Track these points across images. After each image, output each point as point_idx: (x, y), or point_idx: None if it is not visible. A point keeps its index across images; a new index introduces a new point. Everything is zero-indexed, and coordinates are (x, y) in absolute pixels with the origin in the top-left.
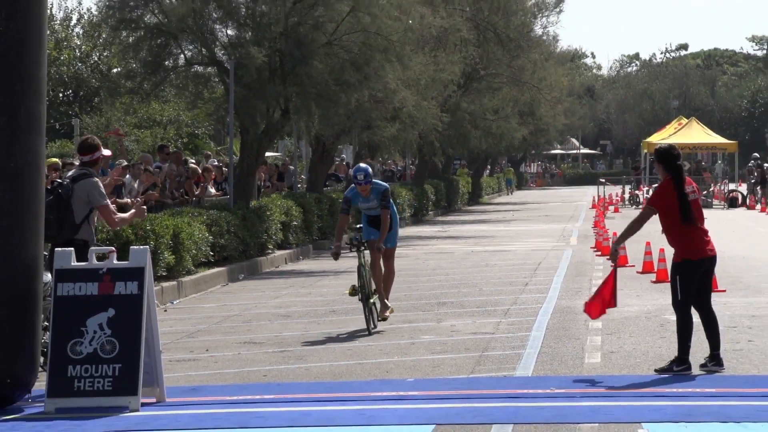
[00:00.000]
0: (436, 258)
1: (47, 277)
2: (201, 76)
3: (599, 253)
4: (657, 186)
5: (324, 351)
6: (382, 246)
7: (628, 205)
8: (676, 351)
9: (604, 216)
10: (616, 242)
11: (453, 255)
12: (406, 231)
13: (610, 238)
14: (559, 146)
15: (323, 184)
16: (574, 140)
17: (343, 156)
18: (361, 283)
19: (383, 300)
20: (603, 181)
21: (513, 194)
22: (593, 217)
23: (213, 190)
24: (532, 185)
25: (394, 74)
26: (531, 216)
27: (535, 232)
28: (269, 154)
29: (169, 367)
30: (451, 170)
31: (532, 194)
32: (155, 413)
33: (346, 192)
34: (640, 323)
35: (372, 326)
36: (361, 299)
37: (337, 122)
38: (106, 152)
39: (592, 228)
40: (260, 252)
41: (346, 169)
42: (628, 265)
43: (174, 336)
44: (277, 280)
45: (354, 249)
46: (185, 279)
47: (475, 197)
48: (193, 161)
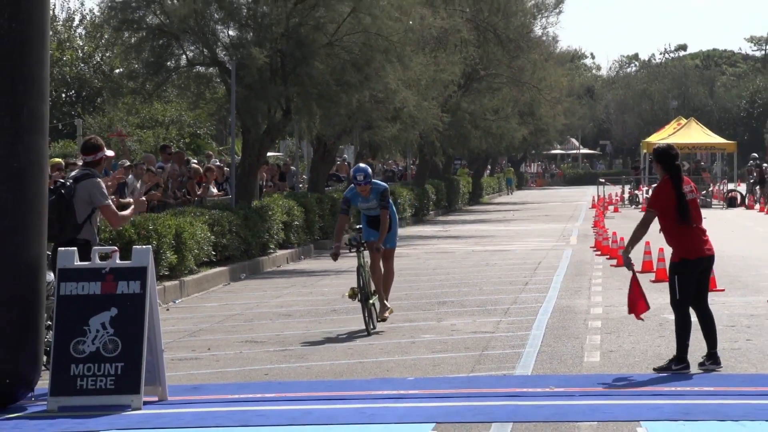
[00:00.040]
0: (436, 257)
1: (50, 276)
2: (203, 76)
3: (599, 253)
4: (655, 187)
5: (325, 350)
6: (381, 246)
7: (627, 204)
8: (675, 350)
9: (603, 216)
10: (625, 250)
11: (453, 254)
12: (407, 230)
13: (610, 237)
14: (558, 146)
15: (325, 184)
16: (573, 140)
17: (345, 156)
18: (361, 283)
19: (383, 301)
20: (602, 181)
21: (513, 194)
22: (593, 217)
23: (215, 190)
24: (532, 185)
25: (395, 75)
26: (531, 216)
27: (535, 231)
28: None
29: (171, 366)
30: (451, 170)
31: (532, 194)
32: (157, 411)
33: (345, 192)
34: (639, 322)
35: (371, 327)
36: (360, 300)
37: (338, 122)
38: (110, 153)
39: (591, 228)
40: (262, 251)
41: (348, 169)
42: None
43: (176, 335)
44: (279, 280)
45: (353, 249)
46: (187, 278)
47: (476, 197)
48: (195, 161)
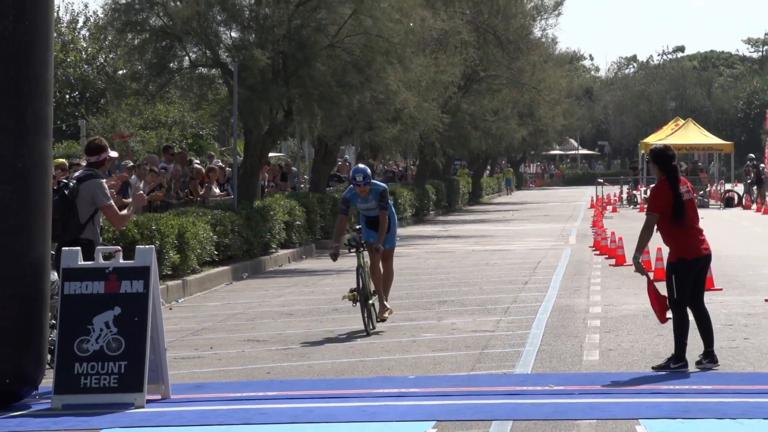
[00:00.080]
0: (437, 257)
1: (54, 275)
2: (205, 77)
3: (597, 252)
4: (652, 188)
5: (326, 348)
6: (380, 247)
7: (626, 204)
8: (673, 349)
9: (602, 216)
10: (635, 257)
11: (454, 254)
12: (407, 230)
13: (608, 237)
14: (557, 147)
15: (326, 184)
16: (572, 141)
17: (346, 156)
18: (360, 284)
19: (382, 301)
20: (601, 181)
21: (512, 194)
22: (591, 217)
23: (217, 191)
24: (531, 185)
25: (396, 76)
26: (530, 216)
27: (535, 231)
28: (272, 154)
29: (174, 365)
30: (451, 170)
31: (532, 194)
32: (160, 410)
33: (344, 193)
34: (637, 321)
35: (371, 327)
36: (359, 300)
37: (339, 123)
38: (113, 153)
39: (590, 227)
40: (264, 251)
41: (349, 170)
42: (626, 264)
43: (179, 334)
44: (281, 279)
45: (353, 250)
46: (190, 278)
47: (476, 197)
48: (197, 162)
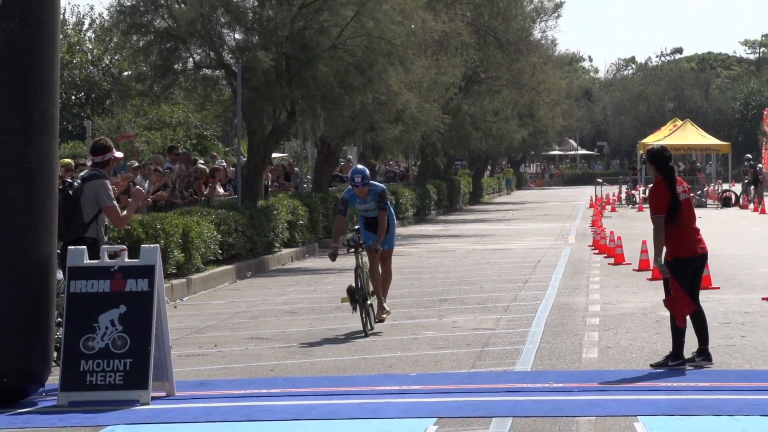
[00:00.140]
0: (438, 256)
1: (59, 274)
2: (209, 79)
3: (597, 251)
4: (650, 190)
5: (329, 346)
6: (379, 248)
7: (624, 204)
8: (671, 346)
9: (601, 215)
10: (656, 260)
11: (454, 253)
12: (409, 230)
13: (607, 236)
14: (557, 147)
15: (328, 184)
16: (572, 141)
17: (349, 157)
18: (359, 284)
19: (381, 302)
20: (600, 181)
21: (512, 194)
22: (591, 217)
23: (221, 190)
24: (531, 185)
25: (397, 77)
26: (530, 215)
27: (534, 231)
28: (276, 155)
29: (178, 362)
30: (452, 171)
31: (532, 194)
32: (165, 406)
33: (343, 193)
34: (636, 319)
35: (369, 328)
36: (357, 302)
37: (341, 124)
38: (118, 154)
39: (589, 227)
40: (267, 250)
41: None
42: (624, 263)
43: (183, 332)
44: (284, 278)
45: (351, 250)
46: (194, 276)
47: (476, 197)
48: (201, 162)
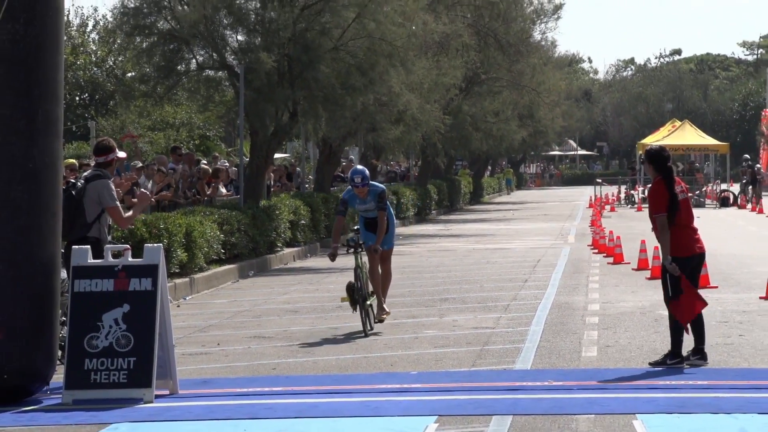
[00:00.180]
0: (438, 255)
1: (63, 273)
2: (212, 80)
3: (596, 251)
4: (650, 190)
5: (331, 345)
6: (379, 248)
7: (623, 204)
8: (670, 345)
9: (600, 215)
10: (665, 259)
11: (455, 252)
12: (409, 229)
13: (606, 236)
14: (557, 148)
15: (330, 184)
16: (571, 142)
17: (351, 157)
18: (358, 284)
19: (381, 302)
20: (600, 181)
21: (512, 194)
22: (590, 216)
23: (224, 190)
24: (531, 185)
25: (398, 78)
26: (530, 215)
27: (534, 230)
28: (278, 155)
29: (181, 361)
30: (453, 171)
31: (531, 194)
32: (168, 405)
33: (342, 194)
34: (635, 318)
35: (369, 328)
36: (357, 300)
37: (343, 125)
38: (121, 154)
39: (589, 227)
40: (269, 250)
41: None
42: (623, 262)
43: (186, 331)
44: (286, 277)
45: (351, 250)
46: (197, 276)
47: (477, 197)
48: (204, 162)
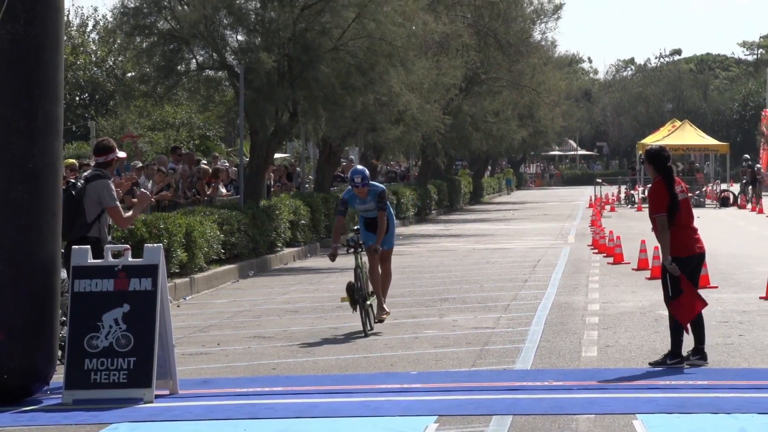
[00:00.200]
0: (438, 255)
1: (63, 273)
2: (212, 80)
3: (596, 251)
4: (650, 190)
5: (331, 345)
6: (379, 248)
7: (623, 204)
8: (670, 345)
9: (600, 215)
10: (665, 259)
11: (455, 252)
12: (410, 229)
13: (606, 236)
14: (557, 148)
15: (330, 184)
16: (571, 142)
17: (351, 157)
18: (358, 284)
19: (381, 303)
20: (599, 181)
21: (512, 194)
22: (590, 216)
23: (224, 190)
24: (531, 185)
25: (398, 78)
26: (530, 215)
27: (534, 230)
28: (278, 155)
29: (181, 361)
30: (453, 171)
31: (531, 194)
32: (168, 404)
33: (342, 194)
34: (635, 318)
35: (368, 328)
36: (357, 300)
37: (343, 125)
38: (121, 154)
39: (589, 226)
40: (269, 250)
41: None
42: (623, 262)
43: (186, 330)
44: (286, 277)
45: (351, 250)
46: (197, 276)
47: (477, 197)
48: (204, 162)
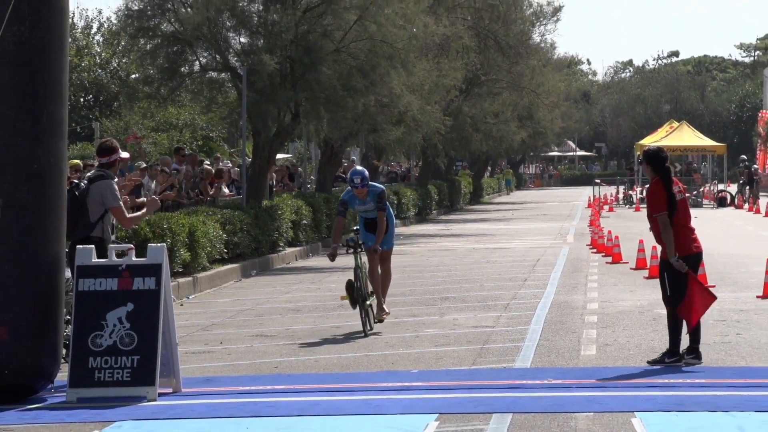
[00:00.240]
0: (439, 255)
1: (68, 273)
2: (215, 81)
3: (594, 251)
4: (648, 190)
5: (332, 343)
6: (378, 248)
7: (622, 204)
8: (668, 344)
9: (599, 215)
10: (670, 257)
11: (455, 252)
12: (410, 229)
13: (605, 236)
14: (556, 148)
15: (332, 185)
16: (570, 143)
17: (353, 158)
18: (358, 284)
19: (380, 303)
20: (598, 181)
21: (512, 194)
22: (589, 216)
23: (227, 191)
24: (530, 186)
25: (399, 80)
26: (529, 215)
27: (534, 230)
28: (280, 156)
29: (184, 359)
30: (453, 171)
31: (531, 194)
32: (172, 402)
33: (342, 195)
34: (633, 317)
35: (368, 328)
36: (356, 299)
37: (344, 126)
38: (124, 154)
39: (587, 226)
40: (272, 249)
41: None
42: (622, 261)
43: (190, 329)
44: (288, 276)
45: (350, 250)
46: (200, 275)
47: (476, 197)
48: (207, 163)
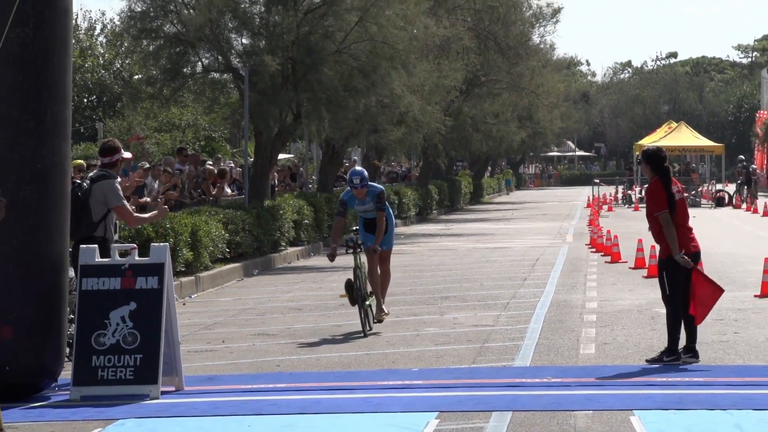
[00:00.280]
0: (439, 254)
1: (71, 272)
2: (217, 82)
3: (594, 250)
4: (647, 190)
5: (333, 342)
6: (378, 248)
7: (621, 204)
8: (666, 342)
9: (598, 214)
10: (675, 253)
11: (455, 251)
12: (411, 229)
13: (604, 235)
14: (555, 149)
15: (333, 185)
16: (570, 143)
17: (355, 158)
18: (357, 284)
19: (380, 303)
20: (597, 181)
21: (512, 194)
22: (588, 216)
23: (229, 191)
24: (530, 186)
25: (400, 81)
26: (529, 215)
27: (533, 230)
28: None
29: (187, 358)
30: (453, 171)
31: (530, 194)
32: (174, 401)
33: (342, 195)
34: (632, 316)
35: (368, 328)
36: (356, 298)
37: (346, 126)
38: (127, 155)
39: (587, 226)
40: (273, 249)
41: None
42: (621, 261)
43: (192, 328)
44: (290, 276)
45: (350, 250)
46: (203, 274)
47: (477, 197)
48: (210, 163)
